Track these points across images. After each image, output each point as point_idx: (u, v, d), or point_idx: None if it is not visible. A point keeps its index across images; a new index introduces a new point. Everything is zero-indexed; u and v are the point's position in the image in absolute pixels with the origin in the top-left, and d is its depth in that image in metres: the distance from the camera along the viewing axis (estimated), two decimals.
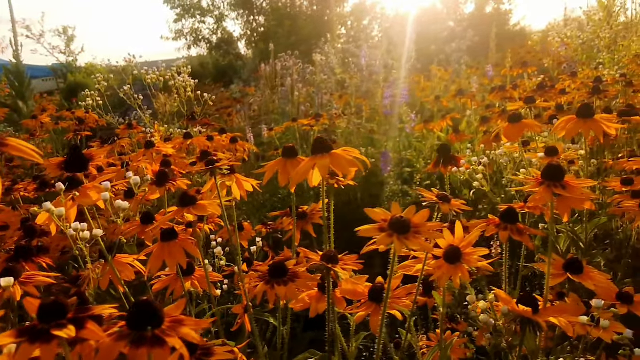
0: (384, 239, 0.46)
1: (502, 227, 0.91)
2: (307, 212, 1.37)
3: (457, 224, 0.68)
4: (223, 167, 0.76)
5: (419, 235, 0.47)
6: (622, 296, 0.81)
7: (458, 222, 0.68)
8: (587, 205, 0.91)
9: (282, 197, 1.99)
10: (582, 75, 2.14)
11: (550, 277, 0.82)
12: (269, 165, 0.79)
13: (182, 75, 1.98)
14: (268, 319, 0.91)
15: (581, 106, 0.98)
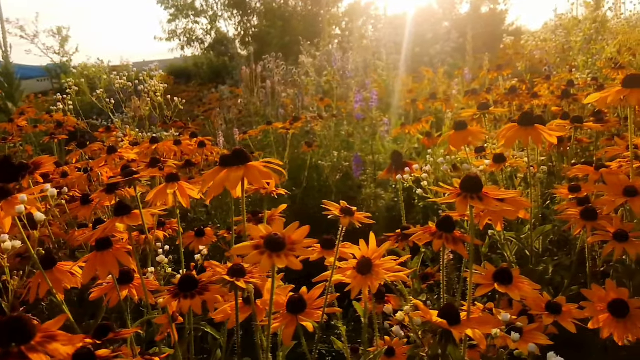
0: (254, 257, 0.46)
1: (437, 236, 0.91)
2: (262, 217, 1.37)
3: (370, 235, 0.68)
4: (142, 179, 0.76)
5: (293, 253, 0.47)
6: (551, 306, 0.81)
7: (372, 233, 0.68)
8: (522, 215, 0.92)
9: (252, 201, 1.99)
10: (557, 78, 2.14)
11: (480, 287, 0.82)
12: (207, 174, 0.79)
13: (155, 79, 1.98)
14: (205, 327, 0.91)
15: (522, 114, 0.98)
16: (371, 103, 2.09)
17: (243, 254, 0.47)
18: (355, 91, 2.15)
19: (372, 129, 2.07)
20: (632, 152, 1.00)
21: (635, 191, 0.91)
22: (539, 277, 1.03)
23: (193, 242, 1.44)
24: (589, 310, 0.81)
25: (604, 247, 0.89)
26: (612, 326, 0.79)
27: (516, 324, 0.75)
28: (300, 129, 2.65)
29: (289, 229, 0.51)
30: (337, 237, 0.75)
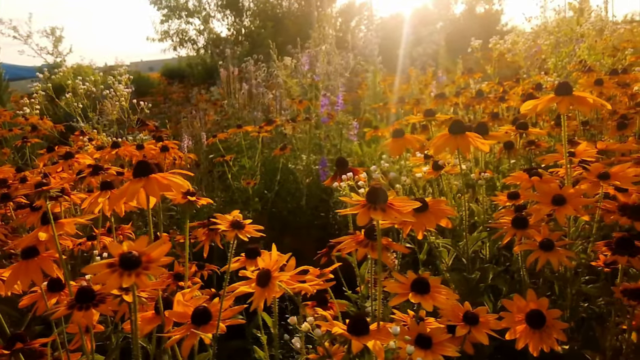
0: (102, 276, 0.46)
1: (363, 244, 0.91)
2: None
3: (273, 247, 0.68)
4: (52, 191, 0.76)
5: (146, 272, 0.47)
6: (467, 317, 0.81)
7: (274, 245, 0.68)
8: (443, 223, 0.92)
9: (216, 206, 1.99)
10: (528, 81, 2.13)
11: (397, 296, 0.82)
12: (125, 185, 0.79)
13: (121, 84, 1.98)
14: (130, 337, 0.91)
15: (453, 122, 0.97)
16: (337, 107, 2.09)
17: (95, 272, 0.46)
18: (322, 95, 2.14)
19: (339, 132, 2.07)
20: (567, 159, 1.00)
21: (564, 200, 0.90)
22: (475, 284, 1.03)
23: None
24: (507, 320, 0.80)
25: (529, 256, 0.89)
26: (528, 337, 0.78)
27: (426, 334, 0.75)
28: (276, 132, 2.65)
29: (151, 247, 0.51)
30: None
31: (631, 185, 0.91)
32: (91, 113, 2.00)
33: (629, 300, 0.85)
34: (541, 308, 0.81)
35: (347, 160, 1.21)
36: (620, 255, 0.82)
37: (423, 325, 0.78)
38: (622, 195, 0.96)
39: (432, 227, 0.88)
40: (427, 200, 0.93)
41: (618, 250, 0.83)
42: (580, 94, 0.94)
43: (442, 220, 0.88)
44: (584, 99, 0.93)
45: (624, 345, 0.95)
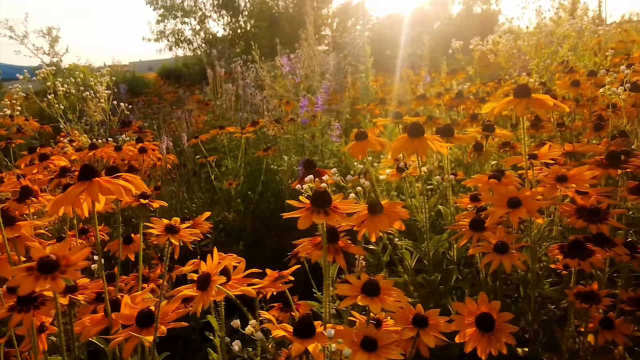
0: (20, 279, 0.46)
1: (319, 247, 0.92)
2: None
3: (214, 251, 0.68)
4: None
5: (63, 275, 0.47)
6: (416, 320, 0.81)
7: (215, 249, 0.68)
8: (397, 225, 0.92)
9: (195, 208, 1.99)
10: (509, 82, 2.13)
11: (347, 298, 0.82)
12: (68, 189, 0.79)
13: (102, 85, 1.98)
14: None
15: (411, 125, 0.97)
16: (317, 108, 2.09)
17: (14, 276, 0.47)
18: (302, 96, 2.14)
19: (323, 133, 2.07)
20: (526, 162, 1.00)
21: (519, 202, 0.90)
22: (436, 287, 1.03)
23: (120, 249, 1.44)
24: (457, 323, 0.80)
25: (483, 258, 0.89)
26: (477, 340, 0.78)
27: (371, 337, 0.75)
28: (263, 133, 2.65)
29: (72, 251, 0.51)
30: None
31: (587, 188, 0.91)
32: (71, 114, 2.00)
33: (581, 303, 0.85)
34: (492, 311, 0.81)
35: (315, 162, 1.21)
36: (571, 258, 0.82)
37: (371, 327, 0.79)
38: (580, 197, 0.96)
39: (384, 229, 0.88)
40: (383, 202, 0.93)
41: (569, 254, 0.83)
42: (538, 97, 0.94)
43: (395, 222, 0.88)
44: (541, 101, 0.93)
45: (581, 348, 0.96)
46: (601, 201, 0.95)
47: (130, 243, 1.43)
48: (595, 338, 0.94)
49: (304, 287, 1.17)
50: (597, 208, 0.90)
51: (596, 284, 0.88)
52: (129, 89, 6.26)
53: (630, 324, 0.92)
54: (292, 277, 0.97)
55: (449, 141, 1.17)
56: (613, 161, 1.02)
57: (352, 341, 0.75)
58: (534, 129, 1.57)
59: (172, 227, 0.69)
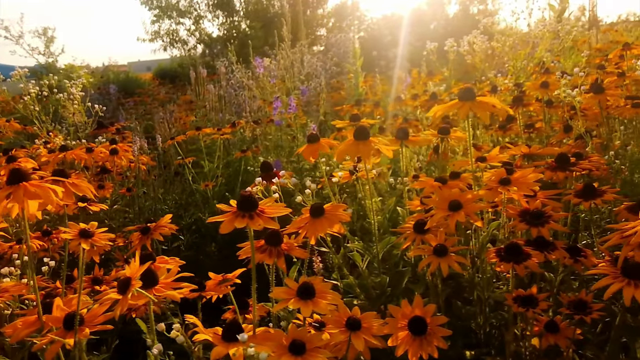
0: None
1: (261, 250, 0.92)
2: (151, 227, 1.36)
3: (136, 255, 0.68)
4: None
5: None
6: (349, 322, 0.81)
7: (137, 253, 0.68)
8: (336, 229, 0.92)
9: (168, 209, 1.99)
10: (486, 83, 2.13)
11: (281, 301, 0.82)
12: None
13: (75, 87, 1.99)
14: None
15: (356, 129, 0.97)
16: (290, 109, 2.09)
17: None
18: (274, 98, 2.15)
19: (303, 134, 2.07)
20: (472, 164, 1.00)
21: (460, 205, 0.90)
22: (383, 289, 1.03)
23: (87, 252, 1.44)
24: (391, 326, 0.80)
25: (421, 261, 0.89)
26: (409, 343, 0.78)
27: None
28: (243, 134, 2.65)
29: None
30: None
31: (529, 191, 0.91)
32: (44, 116, 2.01)
33: (518, 307, 0.85)
34: (426, 315, 0.81)
35: (271, 164, 1.21)
36: (506, 262, 0.82)
37: (302, 330, 0.79)
38: (525, 200, 0.95)
39: (323, 233, 0.88)
40: (326, 206, 0.93)
41: (504, 257, 0.83)
42: (484, 100, 0.94)
43: (335, 226, 0.89)
44: (485, 104, 0.93)
45: (527, 351, 0.96)
46: (547, 204, 0.95)
47: None
48: (540, 341, 0.94)
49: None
50: (540, 211, 0.90)
51: (535, 287, 0.88)
52: (123, 89, 6.27)
53: (575, 327, 0.92)
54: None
55: (403, 144, 1.18)
56: (561, 164, 1.02)
57: (281, 344, 0.75)
58: (501, 131, 1.57)
59: (85, 232, 0.69)
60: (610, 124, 1.56)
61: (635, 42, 2.89)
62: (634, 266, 0.72)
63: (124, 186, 1.88)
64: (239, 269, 0.99)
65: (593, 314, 0.85)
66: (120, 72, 7.16)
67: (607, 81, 1.85)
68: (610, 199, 0.92)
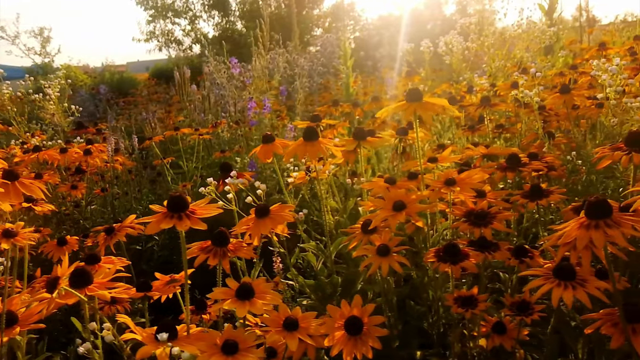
0: None
1: (206, 250, 0.92)
2: (115, 227, 1.36)
3: (65, 256, 0.69)
4: None
5: None
6: (286, 323, 0.81)
7: (66, 254, 0.69)
8: (279, 230, 0.92)
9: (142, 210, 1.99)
10: (463, 84, 2.13)
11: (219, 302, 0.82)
12: None
13: (51, 89, 2.00)
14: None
15: (305, 129, 0.98)
16: (264, 110, 2.10)
17: None
18: (248, 98, 2.15)
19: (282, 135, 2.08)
20: (421, 165, 1.00)
21: (403, 206, 0.91)
22: (333, 289, 1.04)
23: (53, 251, 1.44)
24: (327, 326, 0.81)
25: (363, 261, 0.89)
26: (344, 343, 0.79)
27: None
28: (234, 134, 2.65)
29: None
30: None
31: (472, 192, 0.91)
32: (19, 117, 2.02)
33: (458, 308, 0.86)
34: (364, 314, 0.82)
35: (231, 165, 1.22)
36: (443, 262, 0.83)
37: (239, 330, 0.79)
38: (472, 201, 0.96)
39: (266, 233, 0.89)
40: (273, 206, 0.93)
41: (442, 258, 0.84)
42: (430, 101, 0.95)
43: (278, 226, 0.89)
44: (432, 105, 0.94)
45: (474, 352, 0.96)
46: (494, 204, 0.95)
47: (64, 245, 1.43)
48: (487, 342, 0.94)
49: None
50: (483, 212, 0.91)
51: (476, 288, 0.89)
52: (117, 89, 6.29)
53: (522, 328, 0.92)
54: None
55: (360, 145, 1.18)
56: (512, 164, 1.02)
57: (214, 344, 0.75)
58: (470, 131, 1.57)
59: (8, 232, 0.70)
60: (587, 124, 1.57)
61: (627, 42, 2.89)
62: (564, 267, 0.73)
63: (99, 187, 1.88)
64: (190, 269, 0.99)
65: (534, 315, 0.85)
66: (115, 73, 7.17)
67: (582, 81, 1.85)
68: (556, 199, 0.92)
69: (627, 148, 0.89)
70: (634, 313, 0.72)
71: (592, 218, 0.68)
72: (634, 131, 0.89)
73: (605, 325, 0.74)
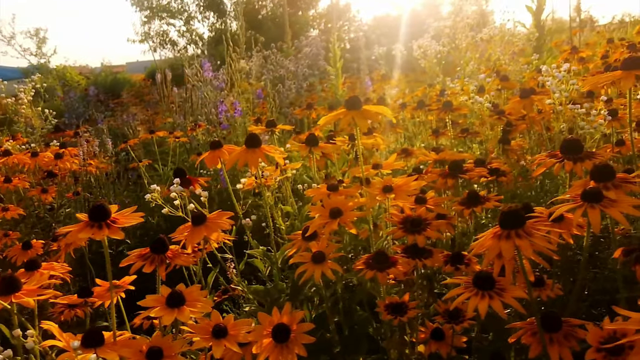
0: None
1: (143, 257, 0.93)
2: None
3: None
4: None
5: None
6: (215, 330, 0.82)
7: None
8: (214, 237, 0.93)
9: None
10: (439, 87, 2.13)
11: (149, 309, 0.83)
12: None
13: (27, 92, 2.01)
14: None
15: (247, 136, 0.99)
16: (235, 113, 2.11)
17: None
18: (219, 101, 2.16)
19: None
20: (362, 172, 1.00)
21: (340, 213, 0.91)
22: (277, 296, 1.04)
23: (17, 255, 1.45)
24: (256, 334, 0.81)
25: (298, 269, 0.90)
26: (270, 351, 0.79)
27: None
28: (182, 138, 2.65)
29: None
30: None
31: (408, 199, 0.92)
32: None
33: (387, 315, 0.86)
34: (293, 322, 0.82)
35: (184, 171, 1.22)
36: (370, 269, 0.83)
37: (167, 338, 0.80)
38: (410, 207, 0.96)
39: (199, 240, 0.90)
40: (211, 214, 0.94)
41: (370, 265, 0.84)
42: (370, 109, 0.95)
43: (213, 233, 0.90)
44: (371, 113, 0.94)
45: (412, 358, 0.96)
46: (432, 210, 0.95)
47: (29, 249, 1.44)
48: (425, 348, 0.95)
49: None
50: (418, 219, 0.91)
51: (407, 295, 0.89)
52: (111, 90, 6.31)
53: (460, 336, 0.93)
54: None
55: (311, 151, 1.19)
56: (453, 171, 1.03)
57: (139, 351, 0.76)
58: (434, 136, 1.57)
59: None
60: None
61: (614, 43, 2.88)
62: (482, 276, 0.73)
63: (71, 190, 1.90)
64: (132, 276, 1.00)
65: (464, 323, 0.86)
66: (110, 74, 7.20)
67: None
68: (490, 206, 0.92)
69: (561, 156, 0.89)
70: (550, 322, 0.72)
71: (505, 228, 0.68)
72: (568, 139, 0.90)
73: (525, 334, 0.75)
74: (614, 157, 1.09)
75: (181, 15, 8.71)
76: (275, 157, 1.00)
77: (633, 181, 0.78)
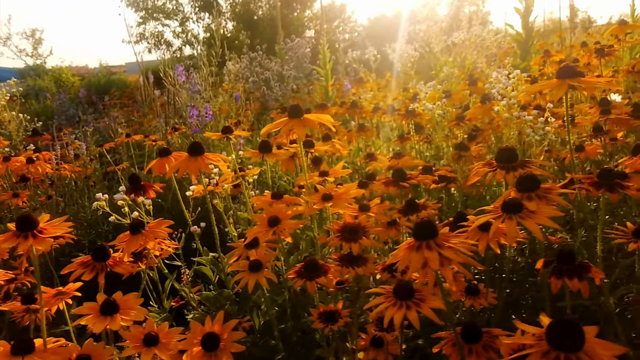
0: None
1: (85, 265, 0.94)
2: None
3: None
4: None
5: None
6: (146, 339, 0.83)
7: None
8: (150, 245, 0.94)
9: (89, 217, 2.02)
10: (413, 91, 2.14)
11: None
12: None
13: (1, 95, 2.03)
14: None
15: (190, 145, 1.00)
16: (206, 117, 2.12)
17: None
18: (190, 106, 2.17)
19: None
20: (306, 180, 1.01)
21: (278, 221, 0.92)
22: (222, 303, 1.05)
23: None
24: (187, 342, 0.82)
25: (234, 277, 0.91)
26: (199, 359, 0.80)
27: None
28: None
29: None
30: None
31: (346, 207, 0.92)
32: None
33: (319, 323, 0.87)
34: (225, 330, 0.83)
35: (139, 177, 1.24)
36: (300, 278, 0.84)
37: (99, 345, 0.81)
38: (352, 215, 0.97)
39: (134, 250, 0.91)
40: (151, 223, 0.95)
41: (302, 274, 0.85)
42: (310, 117, 0.96)
43: (149, 242, 0.91)
44: (311, 121, 0.95)
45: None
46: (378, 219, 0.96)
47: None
48: (365, 355, 0.96)
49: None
50: (355, 227, 0.92)
51: (341, 303, 0.90)
52: (105, 91, 6.34)
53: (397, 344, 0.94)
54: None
55: (264, 157, 1.20)
56: (396, 179, 1.04)
57: (68, 359, 0.77)
58: (399, 141, 1.58)
59: None
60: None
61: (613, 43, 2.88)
62: (401, 286, 0.74)
63: (46, 194, 1.91)
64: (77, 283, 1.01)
65: (395, 332, 0.87)
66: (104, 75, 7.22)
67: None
68: (425, 215, 0.93)
69: (495, 165, 0.90)
70: (470, 333, 0.73)
71: (417, 239, 0.69)
72: (502, 148, 0.90)
73: (447, 344, 0.75)
74: (553, 165, 1.09)
75: (176, 16, 8.74)
76: (219, 165, 1.01)
77: (558, 191, 0.78)
